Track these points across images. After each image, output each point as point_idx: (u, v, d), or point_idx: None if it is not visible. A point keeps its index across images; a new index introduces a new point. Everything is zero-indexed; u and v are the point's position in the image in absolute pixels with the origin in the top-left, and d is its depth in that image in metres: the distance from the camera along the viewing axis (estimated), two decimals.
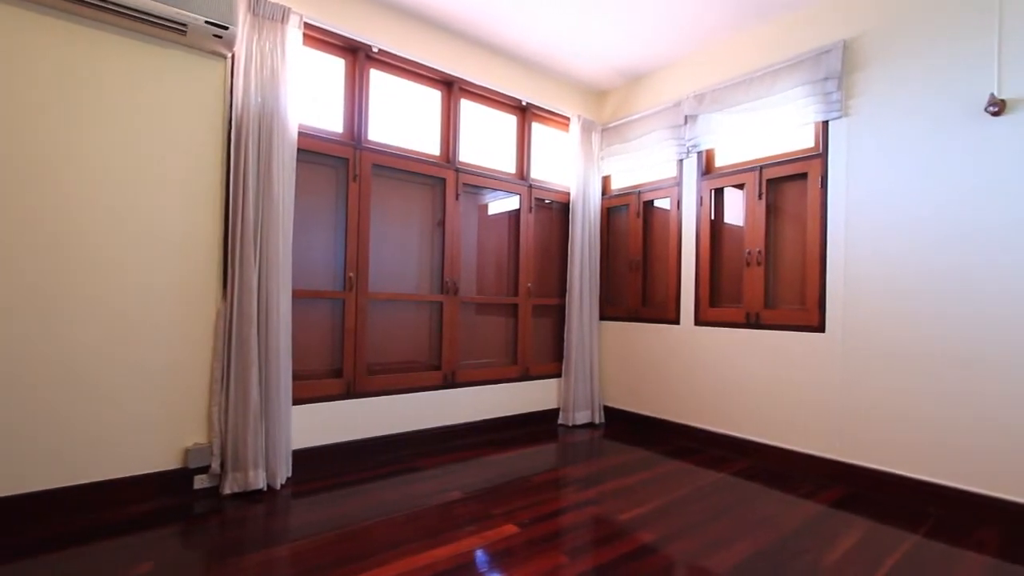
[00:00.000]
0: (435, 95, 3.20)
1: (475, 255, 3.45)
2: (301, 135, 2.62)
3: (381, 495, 2.27)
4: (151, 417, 2.17)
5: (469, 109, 3.36)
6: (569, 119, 3.83)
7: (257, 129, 2.33)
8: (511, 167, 3.61)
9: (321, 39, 2.71)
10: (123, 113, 2.11)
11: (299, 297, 2.63)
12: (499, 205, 3.58)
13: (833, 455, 2.59)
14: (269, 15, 2.35)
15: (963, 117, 2.22)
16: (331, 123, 2.79)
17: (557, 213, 3.92)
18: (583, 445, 3.19)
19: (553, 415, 3.74)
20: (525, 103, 3.57)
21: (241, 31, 2.30)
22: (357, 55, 2.83)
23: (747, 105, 2.98)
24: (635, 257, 3.73)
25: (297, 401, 2.58)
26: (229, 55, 2.33)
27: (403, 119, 3.07)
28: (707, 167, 3.29)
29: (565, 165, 3.93)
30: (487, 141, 3.47)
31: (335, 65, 2.80)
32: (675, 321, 3.40)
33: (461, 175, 3.26)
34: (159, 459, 2.19)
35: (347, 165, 2.80)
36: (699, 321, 3.26)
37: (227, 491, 2.21)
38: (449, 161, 3.22)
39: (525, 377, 3.60)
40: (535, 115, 3.71)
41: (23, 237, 1.90)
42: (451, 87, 3.23)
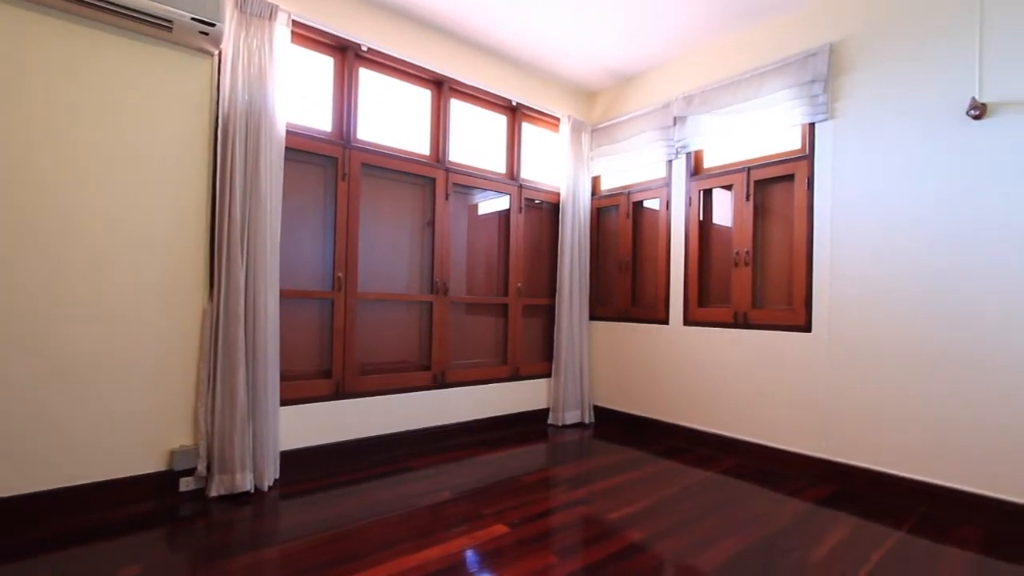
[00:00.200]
0: (425, 94, 3.19)
1: (465, 255, 3.44)
2: (289, 134, 2.59)
3: (371, 496, 2.26)
4: (136, 419, 2.13)
5: (459, 109, 3.36)
6: (559, 119, 3.83)
7: (244, 127, 2.30)
8: (501, 167, 3.61)
9: (309, 37, 2.69)
10: (107, 110, 2.07)
11: (287, 297, 2.61)
12: (489, 205, 3.57)
13: (820, 453, 2.62)
14: (256, 12, 2.33)
15: (946, 120, 2.26)
16: (320, 122, 2.76)
17: (547, 213, 3.92)
18: (573, 445, 3.20)
19: (543, 415, 3.75)
20: (515, 103, 3.58)
21: (228, 28, 2.27)
22: (346, 54, 2.81)
23: (735, 107, 3.00)
24: (625, 257, 3.74)
25: (285, 402, 2.56)
26: (216, 52, 2.31)
27: (393, 118, 3.05)
28: (696, 168, 3.31)
29: (555, 165, 3.93)
30: (477, 141, 3.47)
31: (324, 64, 2.78)
32: (664, 321, 3.42)
33: (451, 175, 3.25)
34: (144, 461, 2.15)
35: (336, 164, 2.78)
36: (688, 321, 3.28)
37: (214, 493, 2.19)
38: (439, 161, 3.22)
39: (515, 377, 3.60)
40: (525, 115, 3.71)
41: (5, 237, 1.87)
42: (441, 87, 3.22)
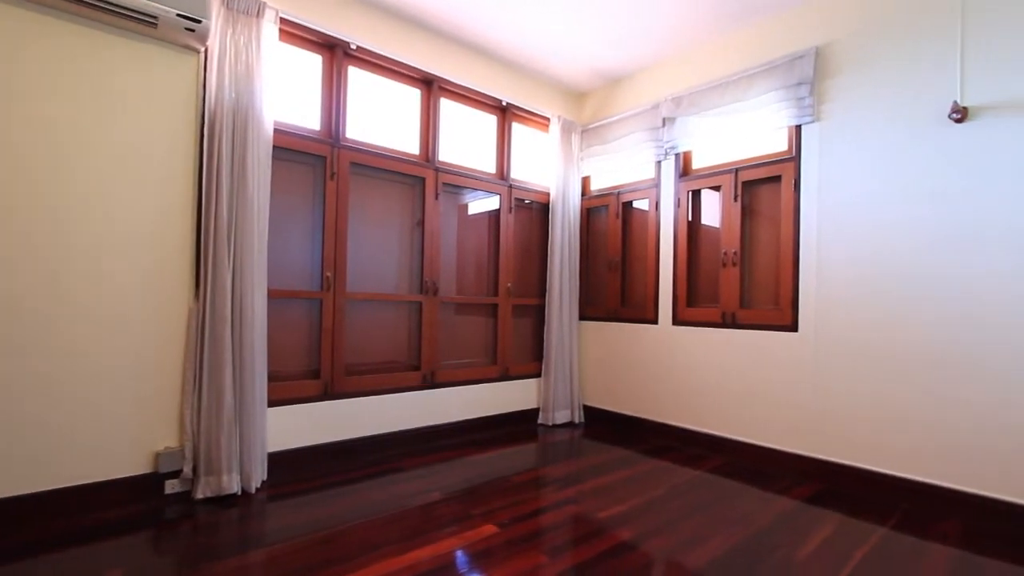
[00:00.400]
0: (414, 93, 3.18)
1: (455, 255, 3.43)
2: (277, 132, 2.57)
3: (359, 497, 2.24)
4: (121, 420, 2.10)
5: (449, 108, 3.35)
6: (549, 120, 3.84)
7: (231, 125, 2.27)
8: (491, 167, 3.61)
9: (298, 35, 2.66)
10: (90, 107, 2.04)
11: (275, 297, 2.58)
12: (479, 205, 3.57)
13: (807, 452, 2.65)
14: (244, 9, 2.30)
15: (930, 123, 2.30)
16: (308, 120, 2.74)
17: (537, 213, 3.92)
18: (563, 444, 3.20)
19: (533, 415, 3.75)
20: (505, 103, 3.57)
21: (214, 25, 2.25)
22: (335, 52, 2.79)
23: (723, 108, 3.03)
24: (614, 257, 3.76)
25: (273, 403, 2.53)
26: (202, 49, 2.28)
27: (382, 117, 3.04)
28: (685, 169, 3.34)
29: (545, 165, 3.94)
30: (467, 141, 3.46)
31: (312, 62, 2.76)
32: (653, 321, 3.44)
33: (441, 174, 3.24)
34: (129, 464, 2.12)
35: (324, 163, 2.76)
36: (677, 321, 3.31)
37: (200, 496, 2.16)
38: (428, 160, 3.20)
39: (505, 377, 3.60)
40: (515, 115, 3.71)
41: None
42: (431, 86, 3.21)
